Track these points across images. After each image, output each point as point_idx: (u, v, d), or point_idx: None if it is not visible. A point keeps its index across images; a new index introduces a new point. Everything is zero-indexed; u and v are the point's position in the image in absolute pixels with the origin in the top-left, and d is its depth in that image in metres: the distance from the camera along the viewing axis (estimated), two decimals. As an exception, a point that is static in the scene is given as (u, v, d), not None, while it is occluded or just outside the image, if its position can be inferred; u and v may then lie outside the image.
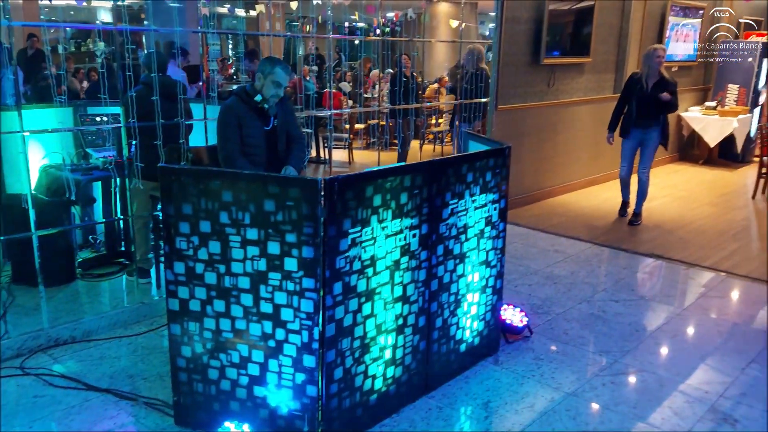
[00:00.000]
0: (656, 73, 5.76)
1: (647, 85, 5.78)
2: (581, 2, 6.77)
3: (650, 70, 5.77)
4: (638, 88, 5.83)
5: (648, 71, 5.78)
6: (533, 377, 3.24)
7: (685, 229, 5.96)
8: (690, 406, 3.01)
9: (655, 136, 5.94)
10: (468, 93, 6.22)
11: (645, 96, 5.78)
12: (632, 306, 4.18)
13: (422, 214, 2.79)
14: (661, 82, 5.75)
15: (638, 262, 5.09)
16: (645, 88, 5.78)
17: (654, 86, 5.75)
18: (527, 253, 5.25)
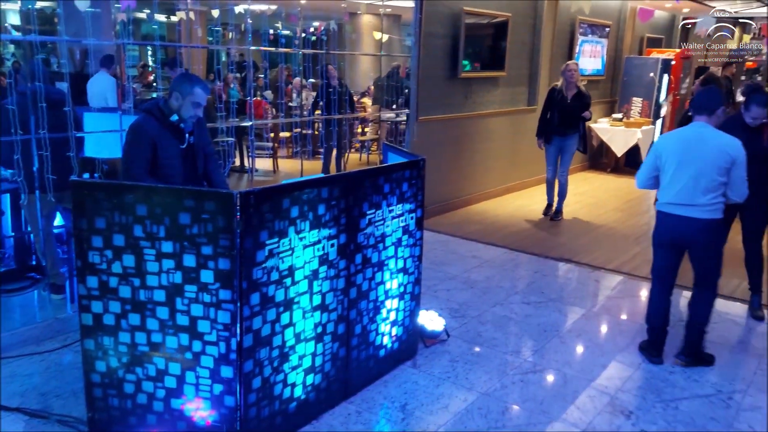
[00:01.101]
0: (573, 86, 6.41)
1: (567, 97, 6.39)
2: (496, 18, 7.09)
3: (567, 83, 6.40)
4: (558, 100, 6.44)
5: (566, 85, 6.40)
6: (449, 379, 3.39)
7: (593, 234, 6.34)
8: (591, 401, 3.23)
9: (573, 143, 6.59)
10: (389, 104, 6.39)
11: (564, 107, 6.41)
12: (542, 308, 4.43)
13: (340, 225, 2.88)
14: (578, 94, 6.41)
15: (549, 265, 5.38)
16: (564, 100, 6.40)
17: (573, 98, 6.40)
18: (446, 259, 5.44)
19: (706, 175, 3.33)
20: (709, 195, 3.35)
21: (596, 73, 9.43)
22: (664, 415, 3.11)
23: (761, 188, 4.03)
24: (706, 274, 3.53)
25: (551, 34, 8.06)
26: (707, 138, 3.37)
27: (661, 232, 3.58)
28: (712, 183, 3.33)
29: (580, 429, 2.97)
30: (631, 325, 4.21)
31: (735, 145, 3.34)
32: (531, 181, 8.42)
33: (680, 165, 3.40)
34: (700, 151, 3.35)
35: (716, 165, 3.32)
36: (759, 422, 3.07)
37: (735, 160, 3.32)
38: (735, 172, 3.34)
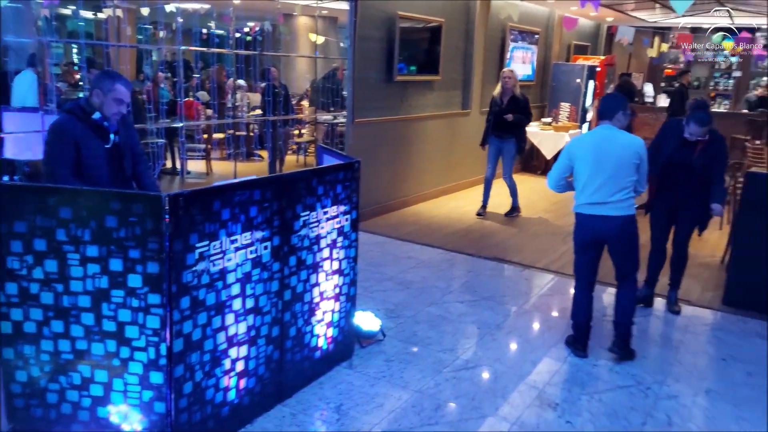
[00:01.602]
0: (509, 92, 6.80)
1: (503, 102, 6.79)
2: (430, 23, 7.21)
3: (503, 89, 6.82)
4: (495, 105, 6.86)
5: (502, 90, 6.82)
6: (384, 378, 3.43)
7: (523, 234, 6.55)
8: (521, 395, 3.35)
9: (511, 146, 6.97)
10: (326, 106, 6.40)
11: (500, 111, 6.80)
12: (475, 306, 4.54)
13: (273, 227, 2.87)
14: (513, 99, 6.79)
15: (482, 265, 5.52)
16: (501, 105, 6.80)
17: (508, 103, 6.79)
18: (383, 260, 5.49)
19: (619, 173, 3.53)
20: (622, 192, 3.55)
21: (527, 78, 9.73)
22: (588, 407, 3.26)
23: (694, 197, 4.28)
24: (626, 268, 3.73)
25: (483, 39, 8.27)
26: (616, 139, 3.58)
27: (580, 232, 3.74)
28: (625, 181, 3.54)
29: (510, 423, 3.07)
30: (559, 321, 4.38)
31: (640, 143, 3.60)
32: (465, 183, 8.61)
33: (594, 166, 3.56)
34: (612, 151, 3.54)
35: (629, 163, 3.53)
36: (675, 410, 3.26)
37: (642, 157, 3.58)
38: (642, 168, 3.60)
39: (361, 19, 6.20)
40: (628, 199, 3.59)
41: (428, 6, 7.12)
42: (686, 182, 4.23)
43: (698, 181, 4.24)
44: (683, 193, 4.26)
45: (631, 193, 3.61)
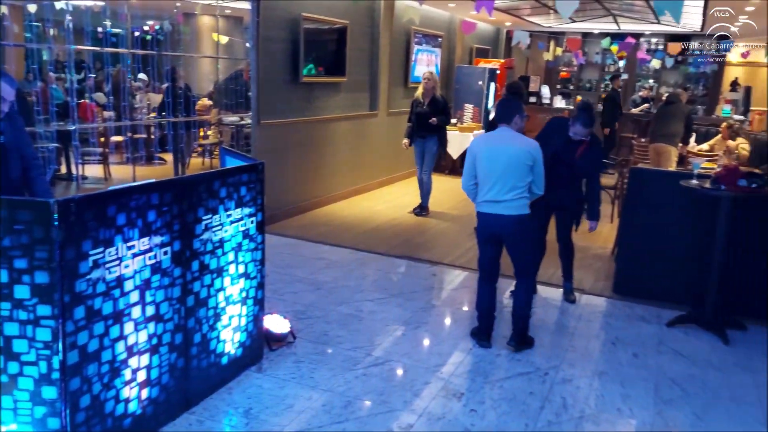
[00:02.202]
0: (429, 93, 7.08)
1: (424, 103, 7.06)
2: (335, 24, 7.26)
3: (424, 91, 7.10)
4: (417, 105, 7.15)
5: (423, 92, 7.10)
6: (294, 379, 3.43)
7: (432, 232, 6.73)
8: (428, 387, 3.45)
9: (432, 145, 7.23)
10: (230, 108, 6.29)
11: (421, 113, 7.08)
12: (385, 304, 4.63)
13: (173, 231, 2.80)
14: (434, 100, 7.08)
15: (392, 263, 5.63)
16: (421, 106, 7.06)
17: (428, 104, 7.07)
18: (293, 262, 5.47)
19: (512, 174, 3.70)
20: (514, 192, 3.71)
21: (432, 80, 9.97)
22: (490, 394, 3.41)
23: (571, 194, 4.58)
24: (522, 265, 3.92)
25: (389, 42, 8.42)
26: (511, 141, 3.76)
27: (480, 229, 3.93)
28: (518, 181, 3.70)
29: (417, 414, 3.17)
30: (465, 314, 4.54)
31: (535, 146, 3.78)
32: (375, 183, 8.73)
33: (489, 166, 3.74)
34: (505, 152, 3.72)
35: (522, 164, 3.70)
36: (569, 393, 3.47)
37: (536, 159, 3.74)
38: (536, 169, 3.77)
39: (265, 20, 6.14)
40: (521, 199, 3.74)
41: (332, 8, 7.16)
42: (567, 179, 4.50)
43: (577, 179, 4.56)
44: (562, 191, 4.53)
45: (524, 194, 3.75)
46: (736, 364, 3.90)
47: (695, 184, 4.30)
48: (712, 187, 4.20)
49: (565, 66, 14.51)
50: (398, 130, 9.12)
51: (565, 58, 14.06)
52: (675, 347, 4.10)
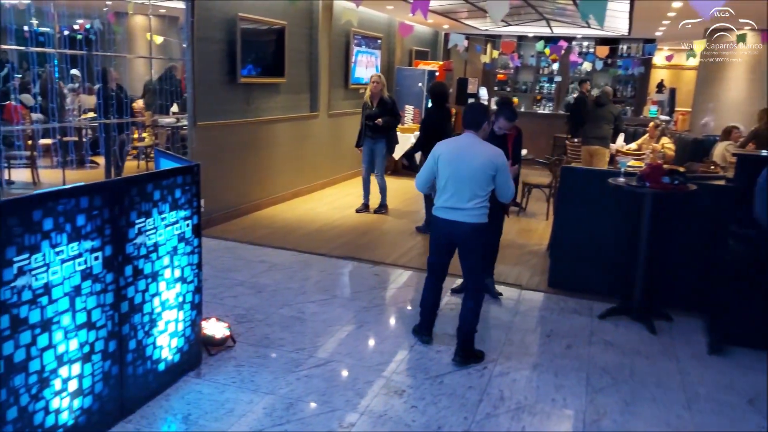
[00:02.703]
0: (378, 95, 7.16)
1: (372, 105, 7.17)
2: (273, 25, 7.20)
3: (372, 93, 7.17)
4: (366, 108, 7.22)
5: (371, 94, 7.18)
6: (234, 384, 3.40)
7: (375, 232, 6.77)
8: (369, 386, 3.48)
9: (382, 146, 7.34)
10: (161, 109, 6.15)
11: (371, 115, 7.19)
12: (327, 305, 4.63)
13: (105, 236, 2.73)
14: (382, 102, 7.17)
15: (334, 265, 5.64)
16: (371, 108, 7.16)
17: (377, 106, 7.16)
18: (234, 265, 5.40)
19: (473, 182, 3.63)
20: (475, 200, 3.64)
21: (372, 81, 10.04)
22: (431, 390, 3.47)
23: None
24: (472, 275, 3.85)
25: (328, 43, 8.43)
26: (476, 149, 3.68)
27: (435, 233, 3.91)
28: (479, 190, 3.64)
29: (359, 413, 3.19)
30: (407, 312, 4.59)
31: (498, 155, 3.68)
32: (318, 185, 8.71)
33: (452, 172, 3.68)
34: (469, 160, 3.65)
35: (484, 173, 3.62)
36: (506, 385, 3.57)
37: (498, 168, 3.65)
38: (500, 178, 3.67)
39: (200, 20, 6.04)
40: (481, 208, 3.68)
41: (270, 8, 7.11)
42: None
43: None
44: None
45: (484, 203, 3.68)
46: (662, 352, 4.10)
47: (622, 182, 4.50)
48: (637, 184, 4.41)
49: (501, 68, 14.85)
50: (339, 131, 9.16)
51: (502, 60, 14.39)
52: (606, 338, 4.28)
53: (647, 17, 9.41)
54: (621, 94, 14.30)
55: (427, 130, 6.35)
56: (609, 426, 3.20)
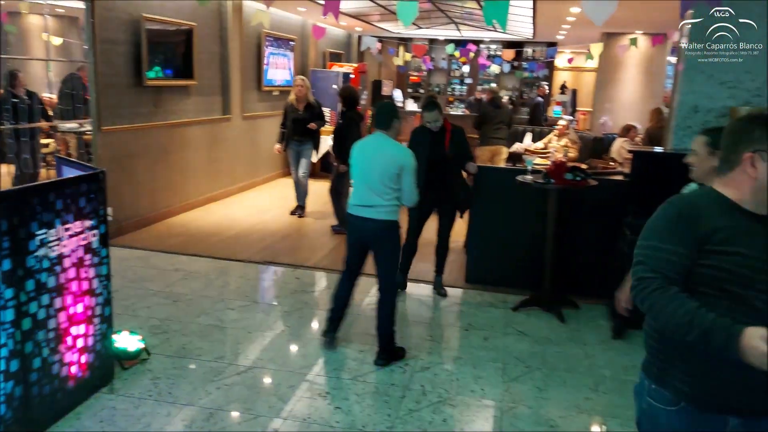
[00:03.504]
0: (303, 99, 7.16)
1: (299, 109, 7.17)
2: (181, 26, 7.00)
3: (297, 96, 7.15)
4: (292, 110, 7.18)
5: (296, 98, 7.15)
6: (150, 397, 3.29)
7: (294, 235, 6.73)
8: (292, 390, 3.47)
9: (308, 149, 7.38)
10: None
11: (298, 118, 7.17)
12: (247, 311, 4.56)
13: (3, 249, 2.57)
14: (309, 105, 7.19)
15: (253, 270, 5.55)
16: (297, 111, 7.16)
17: (304, 110, 7.17)
18: (147, 275, 5.21)
19: (380, 179, 3.68)
20: (382, 198, 3.69)
21: (287, 83, 9.96)
22: (354, 390, 3.50)
23: (450, 190, 4.83)
24: (381, 274, 3.87)
25: (239, 45, 8.28)
26: (383, 147, 3.73)
27: (349, 230, 3.95)
28: (385, 188, 3.69)
29: (282, 418, 3.17)
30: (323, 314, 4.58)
31: (404, 154, 3.72)
32: (234, 189, 8.54)
33: (362, 170, 3.75)
34: (377, 158, 3.71)
35: (388, 171, 3.67)
36: (428, 380, 3.65)
37: (403, 167, 3.68)
38: (404, 179, 3.67)
39: (103, 21, 5.78)
40: (388, 206, 3.71)
41: (178, 9, 6.90)
42: (443, 177, 4.75)
43: (452, 174, 4.81)
44: (441, 192, 4.79)
45: (392, 201, 3.70)
46: (570, 339, 4.33)
47: (529, 179, 4.72)
48: (543, 181, 4.63)
49: (415, 71, 15.13)
50: (255, 134, 9.03)
51: (415, 63, 14.68)
52: (519, 328, 4.47)
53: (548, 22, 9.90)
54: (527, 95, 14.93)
55: (338, 133, 6.39)
56: (524, 412, 3.35)
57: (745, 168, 1.65)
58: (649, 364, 1.82)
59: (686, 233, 1.65)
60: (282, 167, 9.89)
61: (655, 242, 1.69)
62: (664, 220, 1.72)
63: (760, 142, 1.63)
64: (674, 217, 1.70)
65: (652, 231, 1.73)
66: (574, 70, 16.39)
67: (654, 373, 1.80)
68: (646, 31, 10.59)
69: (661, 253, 1.67)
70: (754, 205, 1.67)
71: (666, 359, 1.76)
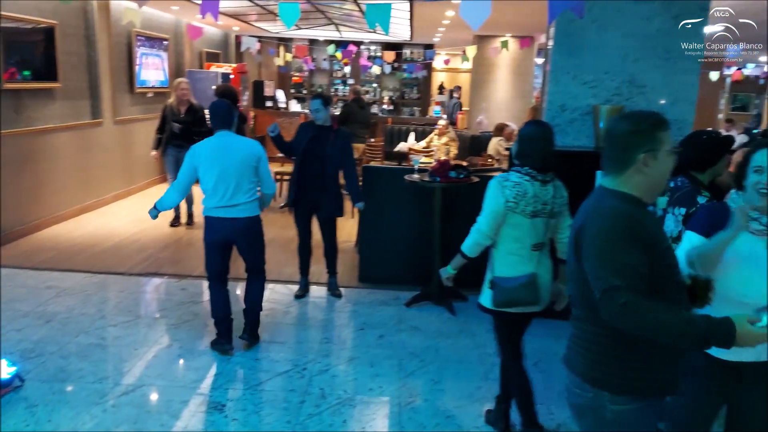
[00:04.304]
0: (185, 102, 6.73)
1: (179, 112, 6.73)
2: (40, 24, 6.47)
3: (178, 99, 6.72)
4: (171, 114, 6.72)
5: (177, 101, 6.72)
6: (27, 428, 3.04)
7: (177, 245, 6.46)
8: (186, 406, 3.34)
9: None
10: None
11: (180, 122, 6.72)
12: (131, 327, 4.33)
13: None
14: (192, 108, 6.77)
15: (135, 283, 5.27)
16: (178, 115, 6.72)
17: (186, 113, 6.73)
18: (15, 295, 4.79)
19: (242, 177, 3.73)
20: (246, 195, 3.78)
21: (162, 84, 9.53)
22: (252, 400, 3.44)
23: (329, 191, 4.82)
24: (254, 264, 4.03)
25: (108, 45, 7.81)
26: (234, 144, 3.78)
27: (210, 234, 3.90)
28: (248, 184, 3.77)
29: (178, 435, 3.05)
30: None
31: (256, 145, 3.85)
32: (109, 198, 8.06)
33: (219, 172, 3.71)
34: (232, 156, 3.73)
35: (249, 166, 3.75)
36: (326, 382, 3.66)
37: (260, 158, 3.81)
38: (262, 168, 3.82)
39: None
40: (253, 201, 3.83)
41: (35, 6, 6.37)
42: (322, 176, 4.75)
43: (331, 175, 4.80)
44: (320, 192, 4.79)
45: (255, 195, 3.85)
46: (461, 330, 4.53)
47: (416, 178, 4.86)
48: (429, 179, 4.80)
49: (296, 71, 15.03)
50: (129, 138, 8.56)
51: (296, 63, 14.58)
52: (412, 324, 4.60)
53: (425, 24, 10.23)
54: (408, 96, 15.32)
55: None
56: (421, 405, 3.46)
57: (639, 167, 1.80)
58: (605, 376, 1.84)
59: (638, 241, 1.72)
60: (160, 172, 9.45)
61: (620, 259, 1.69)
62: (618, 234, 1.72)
63: (651, 143, 1.79)
64: (625, 229, 1.73)
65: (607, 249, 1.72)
66: (451, 71, 17.05)
67: (614, 383, 1.82)
68: (515, 34, 11.25)
69: (629, 269, 1.68)
70: (649, 198, 1.86)
71: (623, 365, 1.82)
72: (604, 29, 4.75)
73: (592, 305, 1.79)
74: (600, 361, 1.84)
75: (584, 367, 1.88)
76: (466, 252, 3.00)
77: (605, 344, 1.83)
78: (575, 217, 1.95)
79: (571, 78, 4.87)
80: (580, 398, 1.90)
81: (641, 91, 4.81)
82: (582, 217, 1.87)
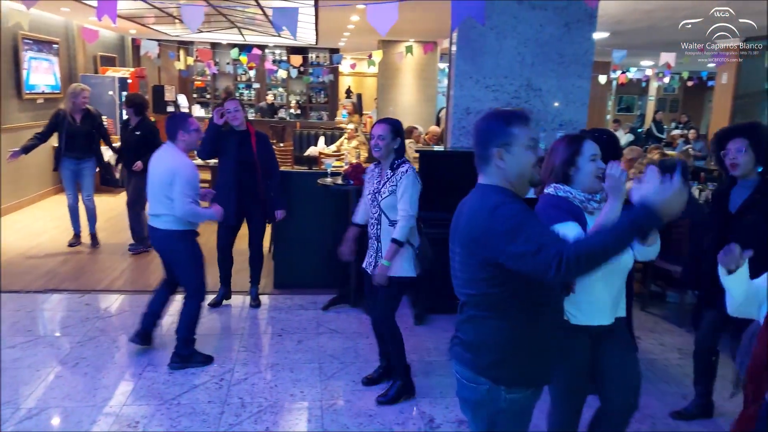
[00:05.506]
0: (80, 109, 6.23)
1: (75, 120, 6.20)
2: None
3: (74, 106, 6.18)
4: (66, 123, 6.15)
5: (73, 107, 6.18)
6: None
7: (79, 257, 6.11)
8: (97, 426, 3.19)
9: (90, 166, 6.41)
10: None
11: (74, 131, 6.17)
12: (31, 348, 4.06)
13: None
14: (89, 115, 6.29)
15: (33, 300, 4.94)
16: (74, 123, 6.18)
17: (82, 120, 6.22)
18: None
19: (158, 189, 3.74)
20: (160, 207, 3.74)
21: (53, 89, 8.98)
22: (168, 414, 3.33)
23: (257, 200, 4.74)
24: (182, 283, 3.93)
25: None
26: (163, 157, 3.82)
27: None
28: (164, 198, 3.71)
29: (90, 457, 2.91)
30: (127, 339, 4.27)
31: (179, 164, 3.70)
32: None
33: (149, 182, 3.82)
34: (158, 168, 3.80)
35: (163, 181, 3.72)
36: (246, 391, 3.61)
37: (175, 175, 3.66)
38: (176, 188, 3.66)
39: None
40: (166, 215, 3.73)
41: None
42: (250, 184, 4.67)
43: (258, 181, 4.72)
44: (248, 199, 4.70)
45: (170, 209, 3.71)
46: (379, 330, 4.59)
47: (329, 182, 4.89)
48: (343, 182, 4.83)
49: (199, 75, 14.61)
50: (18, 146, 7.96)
51: (199, 67, 14.17)
52: (330, 327, 4.62)
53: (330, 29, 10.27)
54: (315, 100, 15.30)
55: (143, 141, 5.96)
56: (343, 407, 3.49)
57: (495, 162, 1.92)
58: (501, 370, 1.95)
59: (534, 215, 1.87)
60: (54, 183, 8.90)
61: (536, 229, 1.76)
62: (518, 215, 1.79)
63: (503, 138, 1.91)
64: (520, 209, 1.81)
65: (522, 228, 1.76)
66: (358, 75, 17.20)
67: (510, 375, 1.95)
68: (419, 39, 11.53)
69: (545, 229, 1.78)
70: (520, 191, 1.96)
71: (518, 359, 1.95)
72: (503, 36, 4.99)
73: (495, 303, 1.92)
74: (497, 355, 1.95)
75: (480, 362, 1.97)
76: (402, 239, 3.33)
77: (503, 340, 1.94)
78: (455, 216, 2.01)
79: (474, 82, 5.07)
80: (474, 392, 2.01)
81: (537, 94, 5.10)
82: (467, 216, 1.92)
